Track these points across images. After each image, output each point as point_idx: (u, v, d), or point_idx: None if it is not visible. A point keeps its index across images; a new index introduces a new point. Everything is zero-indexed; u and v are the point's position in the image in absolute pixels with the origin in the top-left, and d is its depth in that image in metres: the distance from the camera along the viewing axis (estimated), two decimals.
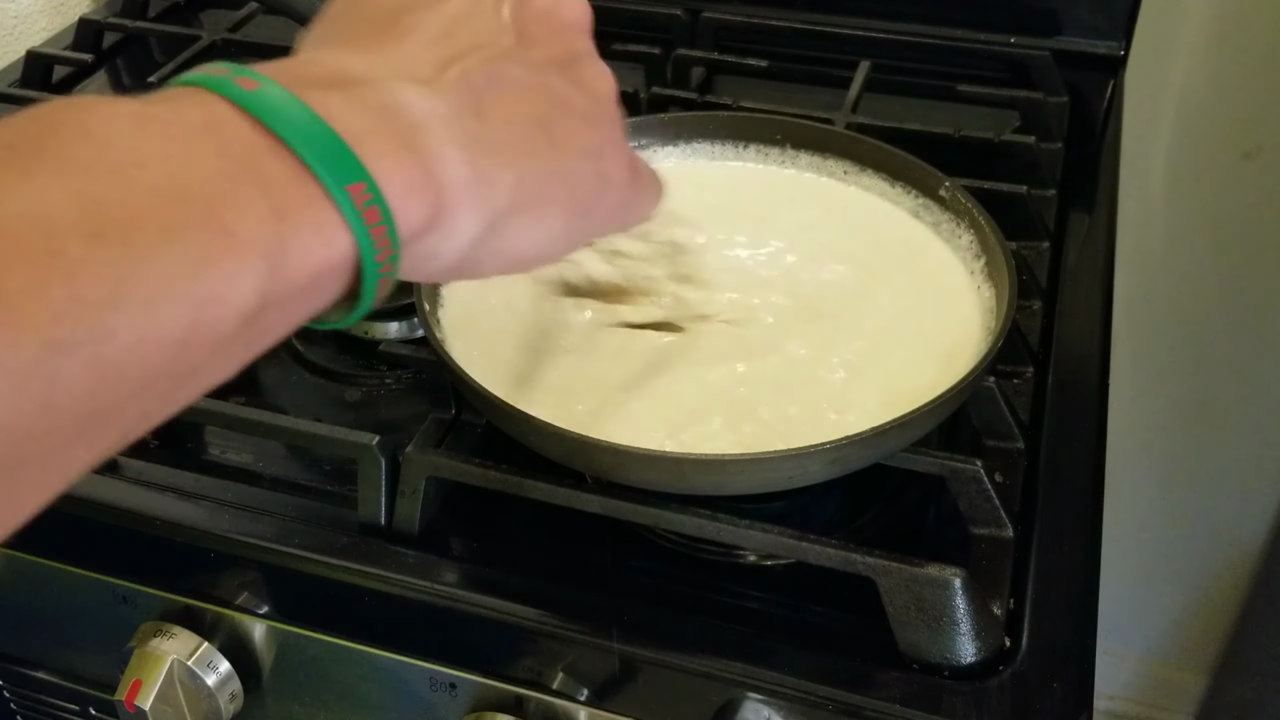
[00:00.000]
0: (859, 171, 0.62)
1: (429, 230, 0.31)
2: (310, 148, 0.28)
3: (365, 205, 0.29)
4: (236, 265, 0.26)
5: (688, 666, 0.47)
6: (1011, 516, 0.50)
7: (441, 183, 0.31)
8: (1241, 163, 0.97)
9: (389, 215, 0.30)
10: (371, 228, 0.29)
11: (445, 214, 0.32)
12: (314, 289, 0.29)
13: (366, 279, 0.30)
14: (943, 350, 0.52)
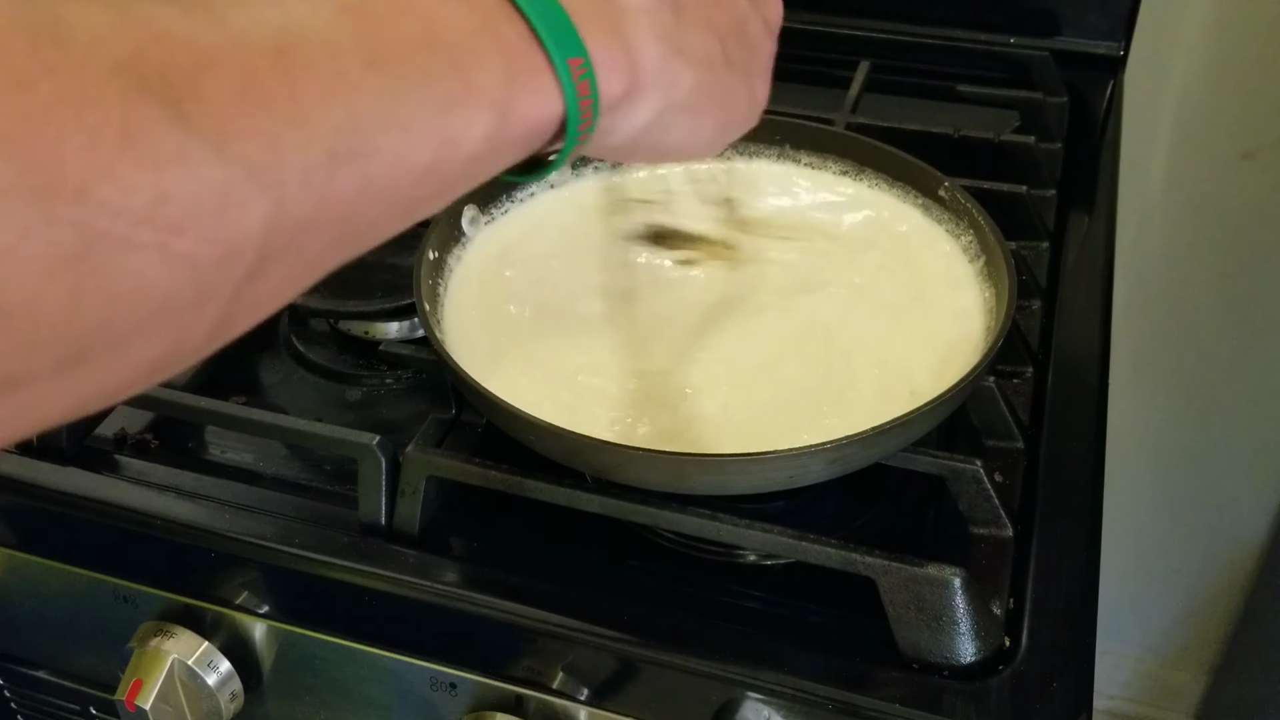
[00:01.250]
0: (859, 171, 0.62)
1: (618, 107, 0.35)
2: (543, 19, 0.32)
3: (580, 78, 0.33)
4: (474, 112, 0.30)
5: (688, 666, 0.47)
6: (1011, 516, 0.50)
7: (639, 68, 0.35)
8: (1241, 163, 0.97)
9: (596, 89, 0.33)
10: (581, 98, 0.33)
11: (634, 96, 0.35)
12: (525, 142, 0.33)
13: (568, 140, 0.34)
14: (942, 350, 0.52)
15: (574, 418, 0.49)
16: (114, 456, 0.57)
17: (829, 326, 0.54)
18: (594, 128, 0.34)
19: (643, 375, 0.52)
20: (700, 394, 0.51)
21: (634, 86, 0.35)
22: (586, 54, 0.33)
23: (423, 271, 0.54)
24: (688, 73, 0.37)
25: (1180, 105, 0.96)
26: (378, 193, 0.28)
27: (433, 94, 0.29)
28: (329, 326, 0.65)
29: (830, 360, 0.52)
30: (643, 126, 0.37)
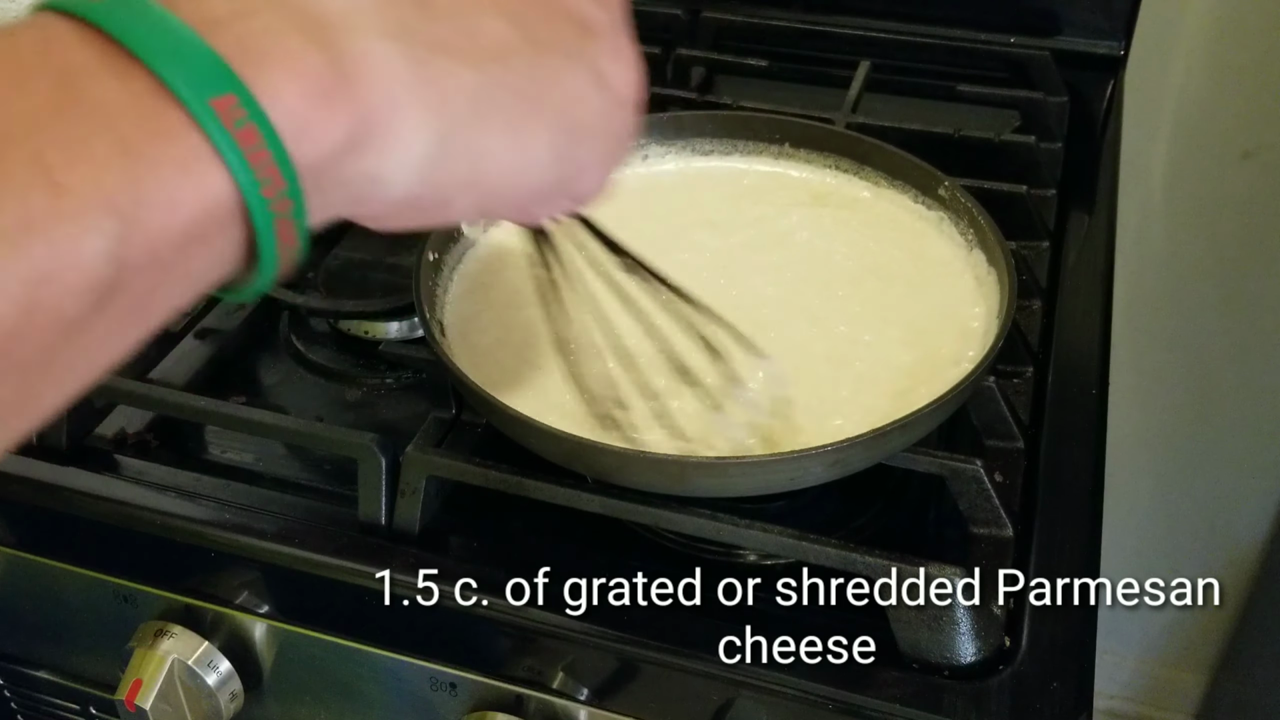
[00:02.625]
0: (859, 171, 0.62)
1: (356, 147, 0.25)
2: (161, 55, 0.22)
3: (237, 124, 0.23)
4: (71, 228, 0.21)
5: (688, 666, 0.47)
6: (1011, 516, 0.50)
7: (363, 86, 0.25)
8: (1241, 162, 0.97)
9: (272, 135, 0.23)
10: (249, 152, 0.23)
11: (376, 123, 0.25)
12: (190, 244, 0.23)
13: (257, 222, 0.24)
14: (942, 350, 0.52)
15: (574, 419, 0.49)
16: (114, 456, 0.57)
17: (828, 326, 0.54)
18: (297, 192, 0.24)
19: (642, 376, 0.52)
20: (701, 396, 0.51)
21: (369, 109, 0.25)
22: (240, 86, 0.23)
23: (422, 272, 0.54)
24: (465, 73, 0.27)
25: (1180, 105, 0.96)
26: None
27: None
28: (329, 326, 0.65)
29: (830, 360, 0.52)
30: (425, 159, 0.27)
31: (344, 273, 0.66)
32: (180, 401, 0.57)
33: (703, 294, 0.56)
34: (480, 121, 0.28)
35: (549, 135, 0.30)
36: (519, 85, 0.29)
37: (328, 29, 0.25)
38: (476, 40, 0.28)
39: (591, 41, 0.31)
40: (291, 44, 0.24)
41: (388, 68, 0.26)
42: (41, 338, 0.22)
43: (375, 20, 0.26)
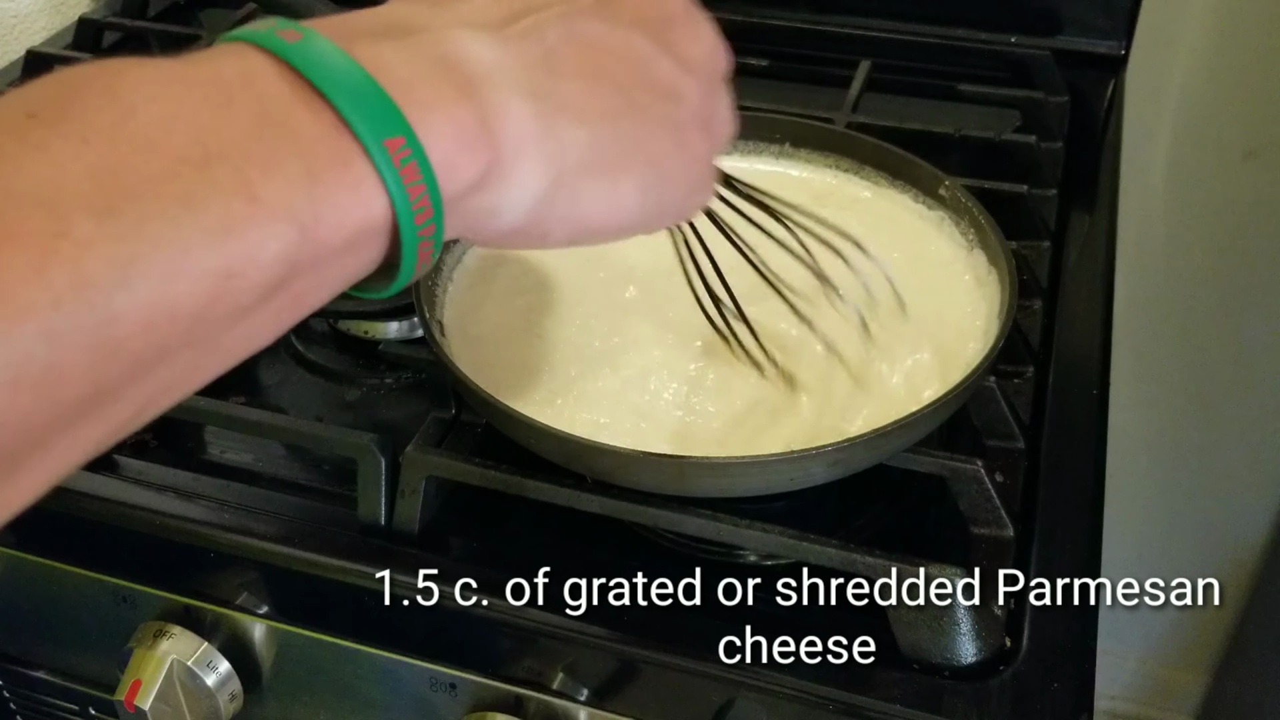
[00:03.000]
0: (859, 170, 0.62)
1: (484, 185, 0.30)
2: (347, 97, 0.27)
3: (403, 161, 0.27)
4: (262, 233, 0.25)
5: (688, 666, 0.47)
6: (1012, 516, 0.50)
7: (500, 135, 0.29)
8: (1242, 162, 0.97)
9: (429, 172, 0.28)
10: (409, 186, 0.27)
11: (503, 167, 0.30)
12: (349, 253, 0.28)
13: (405, 242, 0.28)
14: (943, 350, 0.52)
15: (573, 419, 0.49)
16: (113, 456, 0.57)
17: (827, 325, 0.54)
18: (439, 218, 0.29)
19: (643, 377, 0.52)
20: (701, 396, 0.51)
21: (500, 156, 0.30)
22: (409, 129, 0.27)
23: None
24: (578, 130, 0.32)
25: (1181, 105, 0.96)
26: (127, 356, 0.24)
27: (198, 225, 0.24)
28: (329, 326, 0.65)
29: (829, 359, 0.52)
30: (538, 199, 0.31)
31: None
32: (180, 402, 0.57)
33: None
34: (585, 171, 0.32)
35: (638, 185, 0.34)
36: (620, 143, 0.33)
37: (475, 82, 0.29)
38: (591, 102, 0.32)
39: (678, 108, 0.35)
40: (446, 94, 0.29)
41: (520, 121, 0.30)
42: (219, 322, 0.25)
43: (513, 79, 0.30)
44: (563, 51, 0.32)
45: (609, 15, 0.34)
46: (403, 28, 0.30)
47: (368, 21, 0.30)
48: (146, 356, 0.24)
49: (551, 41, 0.32)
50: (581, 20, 0.33)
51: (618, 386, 0.51)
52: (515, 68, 0.31)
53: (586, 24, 0.33)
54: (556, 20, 0.32)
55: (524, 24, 0.32)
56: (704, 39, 0.37)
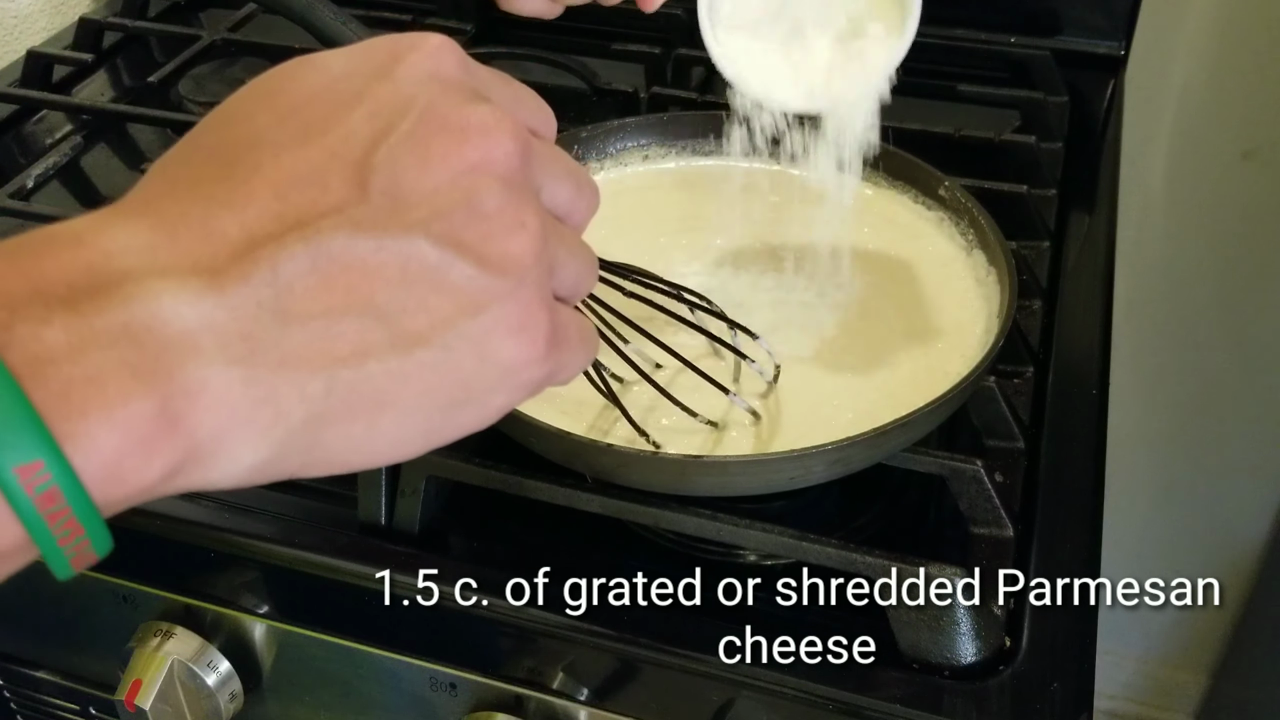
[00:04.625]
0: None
1: (176, 475, 0.26)
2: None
3: (39, 489, 0.24)
4: None
5: (688, 666, 0.47)
6: (1011, 516, 0.50)
7: (193, 422, 0.25)
8: (1241, 163, 0.97)
9: (77, 494, 0.25)
10: (46, 513, 0.24)
11: (199, 452, 0.26)
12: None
13: (50, 559, 0.26)
14: (943, 349, 0.52)
15: (573, 418, 0.49)
16: None
17: (828, 325, 0.54)
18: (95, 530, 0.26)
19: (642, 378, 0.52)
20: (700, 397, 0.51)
21: (192, 445, 0.26)
22: (52, 452, 0.23)
23: None
24: (310, 383, 0.27)
25: (1181, 105, 0.96)
26: None
27: None
28: None
29: (829, 359, 0.52)
30: (258, 465, 0.27)
31: None
32: None
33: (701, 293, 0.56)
34: (324, 421, 0.28)
35: (413, 421, 0.29)
36: (374, 382, 0.28)
37: (165, 359, 0.25)
38: (330, 346, 0.27)
39: (477, 319, 0.29)
40: (119, 388, 0.24)
41: (221, 397, 0.26)
42: None
43: (221, 343, 0.26)
44: (301, 286, 0.26)
45: (386, 221, 0.27)
46: (98, 279, 0.25)
47: (58, 270, 0.25)
48: None
49: (289, 275, 0.26)
50: (340, 237, 0.27)
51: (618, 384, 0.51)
52: (227, 326, 0.26)
53: (346, 241, 0.27)
54: (304, 243, 0.27)
55: (259, 254, 0.26)
56: (526, 232, 0.29)
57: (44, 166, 0.76)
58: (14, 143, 0.81)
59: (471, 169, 0.29)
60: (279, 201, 0.27)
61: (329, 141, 0.28)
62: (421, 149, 0.28)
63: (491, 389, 0.30)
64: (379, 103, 0.29)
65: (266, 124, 0.28)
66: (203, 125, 0.30)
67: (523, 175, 0.30)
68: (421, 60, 0.30)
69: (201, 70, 0.84)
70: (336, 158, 0.28)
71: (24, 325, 0.24)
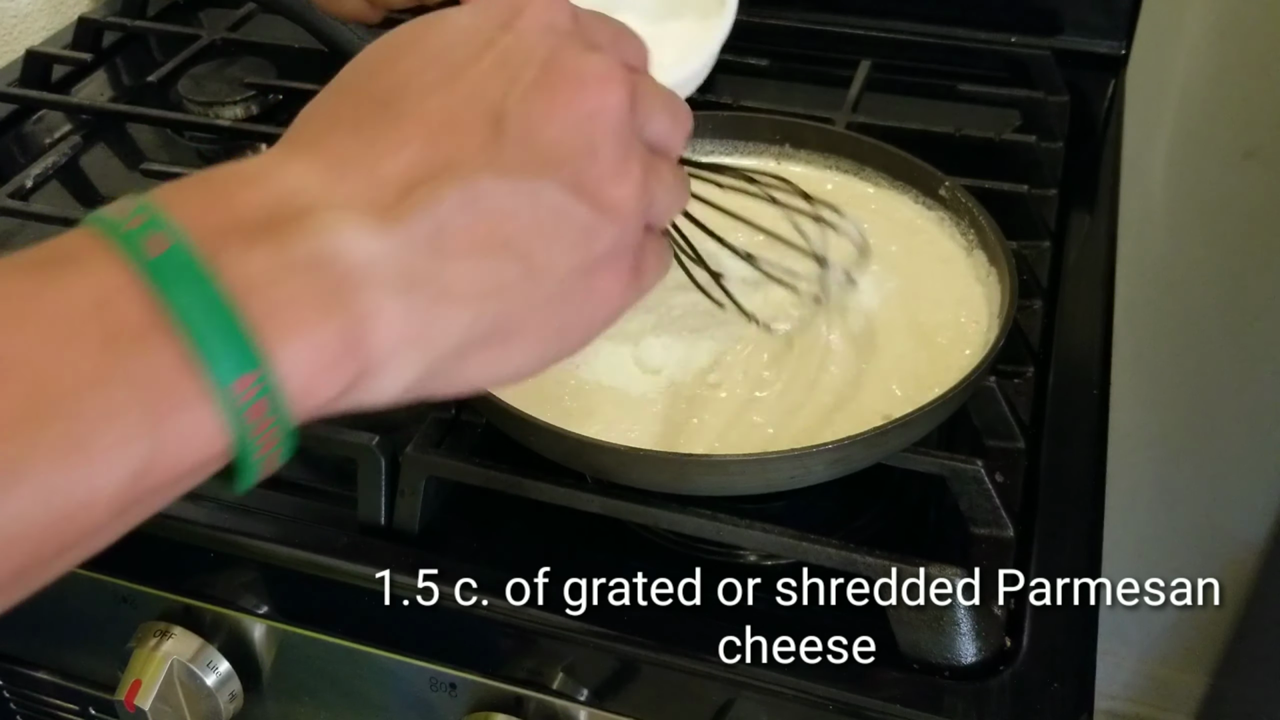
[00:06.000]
0: (859, 171, 0.62)
1: (348, 392, 0.29)
2: (203, 331, 0.25)
3: (251, 400, 0.26)
4: (92, 484, 0.25)
5: (688, 666, 0.47)
6: (1012, 516, 0.50)
7: (368, 345, 0.28)
8: (1242, 162, 0.97)
9: (279, 407, 0.27)
10: (254, 422, 0.26)
11: (370, 373, 0.29)
12: (185, 480, 0.27)
13: (243, 466, 0.27)
14: (943, 349, 0.52)
15: (572, 418, 0.49)
16: None
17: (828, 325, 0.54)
18: (285, 443, 0.28)
19: (643, 378, 0.52)
20: (700, 400, 0.51)
21: (367, 365, 0.28)
22: (264, 365, 0.26)
23: None
24: (460, 314, 0.30)
25: (1182, 104, 0.96)
26: None
27: (31, 481, 0.24)
28: None
29: (829, 359, 0.52)
30: (411, 385, 0.30)
31: None
32: None
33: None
34: (467, 349, 0.31)
35: (534, 347, 0.33)
36: (510, 314, 0.32)
37: (346, 286, 0.28)
38: (477, 281, 0.31)
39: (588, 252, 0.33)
40: (313, 311, 0.27)
41: (391, 324, 0.29)
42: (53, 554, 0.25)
43: (391, 274, 0.29)
44: (455, 224, 0.30)
45: (520, 165, 0.31)
46: (286, 214, 0.28)
47: (254, 202, 0.28)
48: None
49: (444, 215, 0.30)
50: (484, 180, 0.30)
51: (618, 383, 0.51)
52: (396, 258, 0.29)
53: (489, 184, 0.30)
54: (454, 185, 0.30)
55: (419, 194, 0.29)
56: (631, 178, 0.33)
57: (43, 166, 0.76)
58: (13, 142, 0.81)
59: (589, 116, 0.32)
60: (430, 145, 0.30)
61: (466, 87, 0.31)
62: (547, 98, 0.32)
63: (594, 317, 0.35)
64: (505, 52, 0.32)
65: (410, 70, 0.32)
66: (348, 72, 0.33)
67: (630, 121, 0.33)
68: (539, 13, 0.33)
69: (201, 70, 0.84)
70: (474, 103, 0.31)
71: (231, 253, 0.26)
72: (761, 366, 0.52)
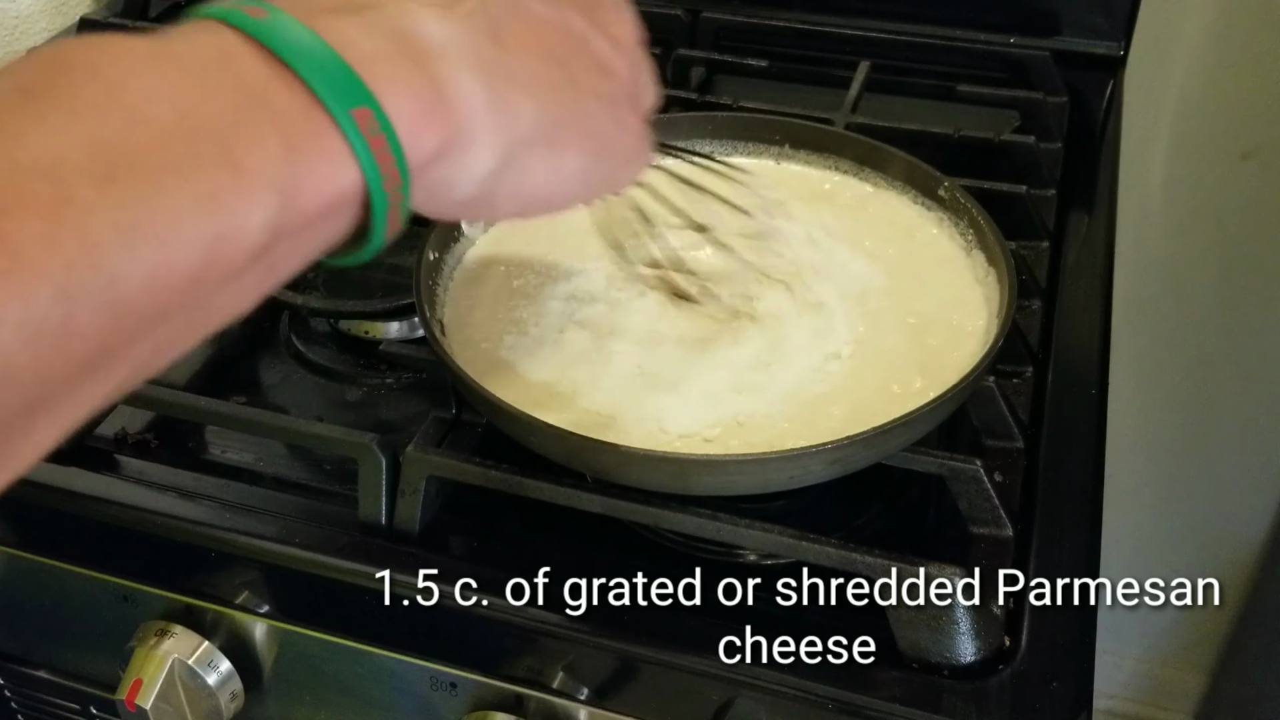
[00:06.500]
0: (858, 171, 0.62)
1: (443, 156, 0.31)
2: (317, 73, 0.28)
3: (372, 132, 0.29)
4: (248, 201, 0.27)
5: (688, 666, 0.47)
6: (1011, 516, 0.50)
7: (456, 107, 0.31)
8: (1241, 163, 0.97)
9: (396, 141, 0.29)
10: (378, 154, 0.29)
11: (461, 140, 0.31)
12: (324, 220, 0.29)
13: (375, 207, 0.30)
14: (942, 349, 0.52)
15: (573, 418, 0.49)
16: (114, 456, 0.57)
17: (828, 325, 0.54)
18: (406, 185, 0.30)
19: (643, 378, 0.52)
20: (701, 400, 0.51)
21: (458, 130, 0.31)
22: (376, 103, 0.29)
23: (422, 272, 0.54)
24: (526, 101, 0.33)
25: (1180, 105, 0.96)
26: (132, 316, 0.25)
27: (192, 192, 0.26)
28: (329, 326, 0.65)
29: (829, 358, 0.52)
30: (490, 172, 0.33)
31: (344, 273, 0.66)
32: (180, 401, 0.57)
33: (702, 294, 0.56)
34: (533, 144, 0.34)
35: (580, 158, 0.36)
36: (563, 116, 0.35)
37: (429, 56, 0.31)
38: (536, 77, 0.34)
39: (612, 84, 0.38)
40: (405, 68, 0.30)
41: (472, 93, 0.31)
42: (211, 284, 0.27)
43: (464, 51, 0.31)
44: (507, 26, 0.34)
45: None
46: (359, 3, 0.31)
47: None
48: (148, 316, 0.26)
49: (497, 16, 0.33)
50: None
51: (619, 383, 0.51)
52: (466, 42, 0.32)
53: (528, 2, 0.35)
54: None
55: (469, 3, 0.33)
56: (627, 18, 0.39)
57: None
58: None
59: None
60: None
61: None
62: None
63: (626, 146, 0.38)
64: None
65: None
66: None
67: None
68: None
69: None
70: None
71: (322, 22, 0.29)
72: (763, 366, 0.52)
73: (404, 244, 0.71)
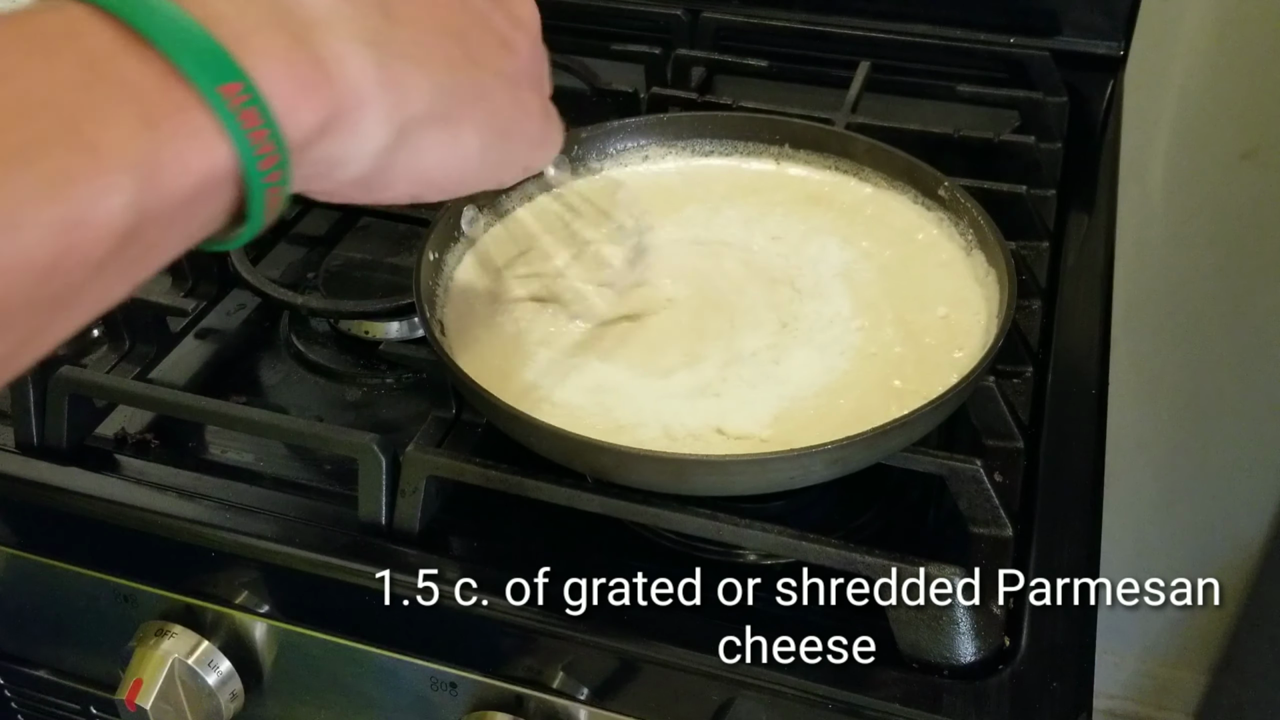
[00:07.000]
0: (858, 171, 0.62)
1: (328, 133, 0.29)
2: (176, 44, 0.26)
3: (242, 107, 0.27)
4: (103, 182, 0.25)
5: (688, 666, 0.47)
6: (1011, 516, 0.50)
7: (339, 81, 0.29)
8: (1241, 163, 0.97)
9: (270, 117, 0.28)
10: (250, 132, 0.27)
11: (347, 115, 0.30)
12: (195, 202, 0.27)
13: (252, 188, 0.28)
14: (942, 349, 0.52)
15: (573, 418, 0.49)
16: (114, 456, 0.57)
17: (827, 324, 0.54)
18: (285, 163, 0.28)
19: (644, 378, 0.52)
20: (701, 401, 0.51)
21: (342, 102, 0.29)
22: (245, 77, 0.27)
23: (422, 272, 0.54)
24: (419, 78, 0.32)
25: (1180, 105, 0.96)
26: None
27: (38, 175, 0.24)
28: (329, 326, 0.65)
29: (829, 358, 0.52)
30: (382, 150, 0.31)
31: (344, 273, 0.67)
32: (180, 401, 0.57)
33: (701, 295, 0.56)
34: (427, 122, 0.32)
35: (479, 136, 0.35)
36: (460, 93, 0.34)
37: (310, 29, 0.29)
38: (431, 52, 0.33)
39: (513, 62, 0.37)
40: (281, 41, 0.28)
41: (359, 67, 0.30)
42: (70, 276, 0.25)
43: (350, 25, 0.30)
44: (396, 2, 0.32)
45: None
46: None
47: None
48: (9, 306, 0.24)
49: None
50: None
51: (619, 383, 0.51)
52: (351, 15, 0.30)
53: None
54: None
55: None
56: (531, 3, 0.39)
57: None
58: None
59: None
60: None
61: None
62: None
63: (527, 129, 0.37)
64: None
65: None
66: None
67: None
68: None
69: None
70: None
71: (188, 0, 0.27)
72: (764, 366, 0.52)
73: (404, 244, 0.71)
